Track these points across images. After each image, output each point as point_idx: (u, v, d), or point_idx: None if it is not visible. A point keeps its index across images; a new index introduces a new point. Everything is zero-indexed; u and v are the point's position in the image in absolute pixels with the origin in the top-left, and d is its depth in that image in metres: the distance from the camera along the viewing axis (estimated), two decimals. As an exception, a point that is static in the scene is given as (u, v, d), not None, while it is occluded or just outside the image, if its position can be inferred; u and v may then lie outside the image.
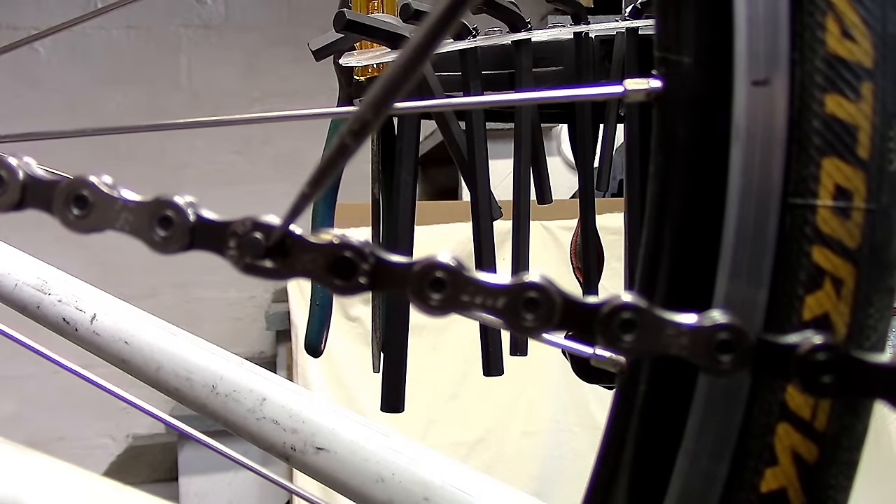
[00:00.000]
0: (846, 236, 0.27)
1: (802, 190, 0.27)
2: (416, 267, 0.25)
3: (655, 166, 0.30)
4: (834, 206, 0.27)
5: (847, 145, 0.27)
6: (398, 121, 0.56)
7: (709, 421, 0.29)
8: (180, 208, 0.26)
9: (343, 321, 1.55)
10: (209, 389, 0.46)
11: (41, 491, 0.30)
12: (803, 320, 0.28)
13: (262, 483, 1.89)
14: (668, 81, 0.29)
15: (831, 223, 0.27)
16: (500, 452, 1.62)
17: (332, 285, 0.25)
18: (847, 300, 0.27)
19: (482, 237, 0.56)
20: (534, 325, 0.25)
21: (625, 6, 0.58)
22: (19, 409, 2.30)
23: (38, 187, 0.26)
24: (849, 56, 0.27)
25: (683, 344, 0.25)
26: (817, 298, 0.27)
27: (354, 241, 0.25)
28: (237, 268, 0.26)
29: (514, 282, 0.25)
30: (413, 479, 0.41)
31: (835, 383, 0.25)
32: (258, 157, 2.45)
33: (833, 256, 0.27)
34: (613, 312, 0.25)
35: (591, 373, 0.64)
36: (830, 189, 0.27)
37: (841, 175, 0.27)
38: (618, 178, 1.27)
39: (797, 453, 0.28)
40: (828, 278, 0.27)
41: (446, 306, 0.25)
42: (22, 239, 0.52)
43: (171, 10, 2.49)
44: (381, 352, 0.58)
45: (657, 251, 0.30)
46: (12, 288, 0.49)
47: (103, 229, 0.26)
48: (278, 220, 0.26)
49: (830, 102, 0.27)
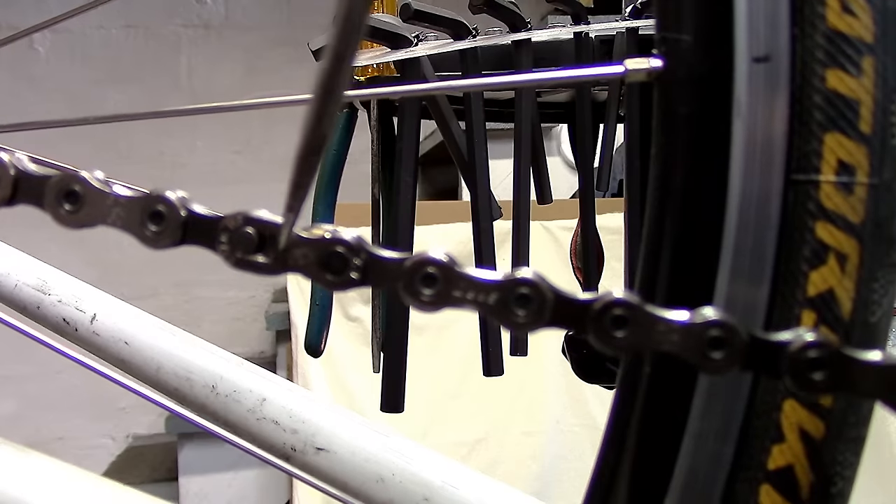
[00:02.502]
0: (849, 211, 0.27)
1: (805, 166, 0.27)
2: (407, 262, 0.25)
3: (657, 146, 0.30)
4: (837, 182, 0.27)
5: (849, 120, 0.27)
6: (398, 121, 0.56)
7: (715, 400, 0.29)
8: (172, 203, 0.26)
9: (343, 321, 1.55)
10: (209, 389, 0.46)
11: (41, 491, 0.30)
12: (808, 296, 0.28)
13: (262, 483, 1.89)
14: (669, 60, 0.29)
15: (834, 199, 0.27)
16: (501, 452, 1.62)
17: (323, 280, 0.25)
18: (851, 275, 0.27)
19: (482, 237, 0.56)
20: (525, 321, 0.25)
21: (625, 6, 0.58)
22: (19, 409, 2.30)
23: (30, 182, 0.26)
24: (849, 31, 0.27)
25: (675, 340, 0.25)
26: (822, 274, 0.27)
27: (346, 236, 0.25)
28: (228, 263, 0.25)
29: (506, 278, 0.25)
30: (413, 479, 0.41)
31: (827, 381, 0.25)
32: (258, 157, 2.45)
33: (837, 232, 0.27)
34: (605, 309, 0.25)
35: (591, 373, 0.64)
36: (833, 164, 0.27)
37: (843, 150, 0.27)
38: (618, 178, 1.26)
39: (804, 430, 0.28)
40: (832, 254, 0.27)
41: (438, 302, 0.25)
42: (21, 239, 0.52)
43: (171, 9, 2.49)
44: (381, 352, 0.58)
45: (660, 231, 0.30)
46: (12, 288, 0.49)
47: (95, 225, 0.26)
48: (270, 214, 0.26)
49: (832, 78, 0.27)
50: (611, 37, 0.57)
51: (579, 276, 0.64)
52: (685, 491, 0.29)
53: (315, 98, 0.23)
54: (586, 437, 1.63)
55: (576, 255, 0.64)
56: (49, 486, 0.30)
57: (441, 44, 0.54)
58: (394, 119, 0.59)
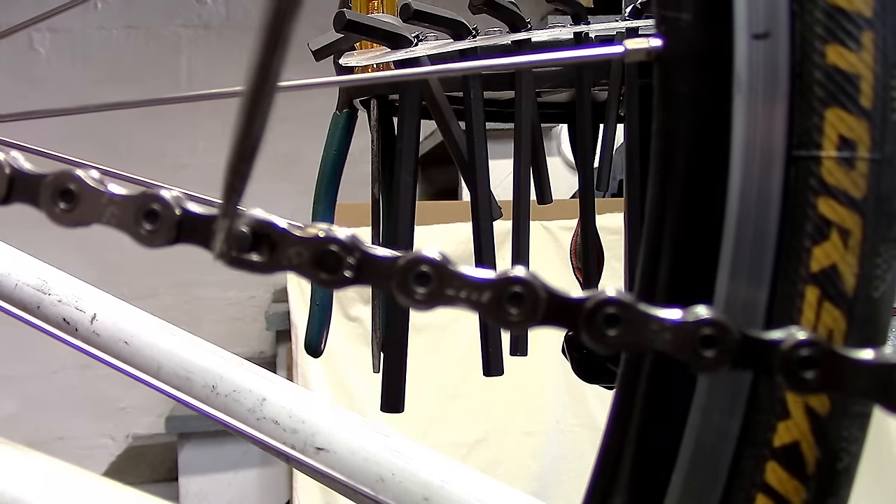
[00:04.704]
0: (851, 187, 0.27)
1: (806, 142, 0.27)
2: (401, 261, 0.25)
3: (658, 124, 0.30)
4: (838, 157, 0.27)
5: (849, 95, 0.27)
6: (398, 121, 0.56)
7: (720, 377, 0.29)
8: (166, 202, 0.26)
9: (343, 321, 1.55)
10: (209, 389, 0.46)
11: (42, 491, 0.30)
12: (811, 272, 0.28)
13: (262, 483, 1.89)
14: (669, 39, 0.29)
15: (836, 174, 0.27)
16: (501, 452, 1.62)
17: (317, 279, 0.25)
18: (854, 250, 0.27)
19: (482, 237, 0.56)
20: (518, 319, 0.25)
21: (625, 6, 0.58)
22: (19, 409, 2.30)
23: (25, 182, 0.26)
24: (848, 6, 0.27)
25: (667, 339, 0.25)
26: (824, 250, 0.28)
27: (340, 234, 0.25)
28: (223, 262, 0.25)
29: (499, 276, 0.25)
30: (413, 479, 0.41)
31: (818, 379, 0.25)
32: (258, 157, 2.45)
33: (839, 207, 0.27)
34: (597, 307, 0.25)
35: (591, 373, 0.64)
36: (834, 140, 0.27)
37: (844, 125, 0.27)
38: (618, 178, 1.26)
39: (809, 406, 0.28)
40: (834, 229, 0.27)
41: (431, 300, 0.25)
42: (22, 239, 0.52)
43: (171, 10, 2.49)
44: (381, 352, 0.58)
45: (663, 209, 0.30)
46: (12, 288, 0.49)
47: (90, 223, 0.26)
48: (262, 211, 0.26)
49: (831, 53, 0.27)
50: (611, 37, 0.57)
51: (579, 276, 0.64)
52: (692, 467, 0.29)
53: (247, 92, 0.23)
54: (586, 437, 1.63)
55: (576, 255, 0.64)
56: (49, 486, 0.30)
57: (441, 44, 0.54)
58: (394, 119, 0.59)
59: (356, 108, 0.60)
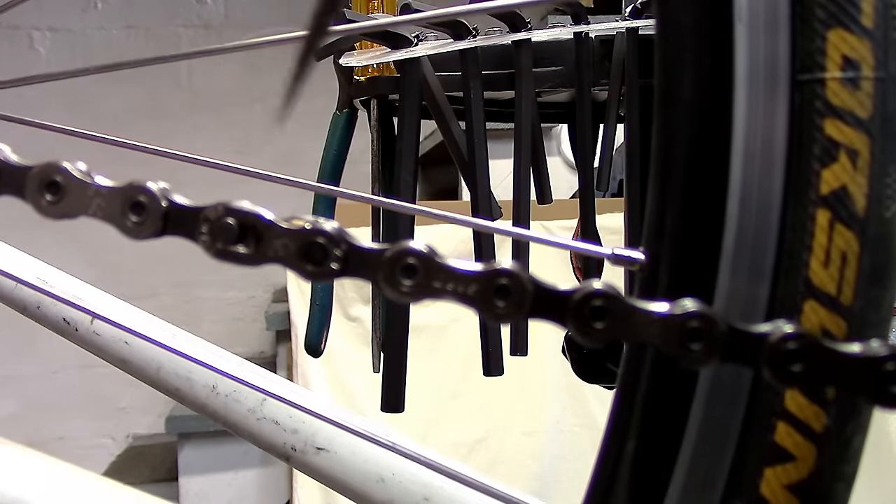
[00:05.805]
0: (857, 106, 0.27)
1: (810, 65, 0.27)
2: (387, 253, 0.25)
3: (660, 59, 0.30)
4: (843, 78, 0.27)
5: (851, 15, 0.27)
6: (398, 121, 0.56)
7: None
8: (153, 194, 0.26)
9: (343, 321, 1.55)
10: (209, 389, 0.46)
11: (42, 491, 0.30)
12: (821, 195, 0.27)
13: (262, 483, 1.89)
14: None
15: (841, 95, 0.27)
16: (501, 452, 1.62)
17: (303, 271, 0.25)
18: (863, 171, 0.27)
19: (482, 237, 0.56)
20: (505, 311, 0.25)
21: (625, 6, 0.58)
22: (19, 409, 2.30)
23: (11, 173, 0.26)
24: None
25: (654, 332, 0.25)
26: (833, 172, 0.27)
27: (326, 226, 0.25)
28: (209, 253, 0.25)
29: (486, 269, 0.25)
30: (413, 479, 0.41)
31: (805, 372, 0.25)
32: (258, 157, 2.45)
33: (846, 128, 0.27)
34: (584, 300, 0.25)
35: (591, 373, 0.64)
36: (838, 61, 0.27)
37: (847, 46, 0.27)
38: (618, 178, 1.26)
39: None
40: (842, 150, 0.27)
41: (418, 293, 0.25)
42: (22, 239, 0.52)
43: (171, 10, 2.49)
44: (381, 352, 0.58)
45: (671, 142, 0.29)
46: (12, 288, 0.49)
47: (76, 215, 0.26)
48: (249, 203, 0.26)
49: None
50: (611, 37, 0.57)
51: (579, 276, 0.64)
52: (703, 426, 0.29)
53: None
54: (586, 437, 1.63)
55: (576, 255, 0.64)
56: (49, 485, 0.30)
57: (441, 44, 0.54)
58: (394, 119, 0.59)
59: (356, 108, 0.60)
